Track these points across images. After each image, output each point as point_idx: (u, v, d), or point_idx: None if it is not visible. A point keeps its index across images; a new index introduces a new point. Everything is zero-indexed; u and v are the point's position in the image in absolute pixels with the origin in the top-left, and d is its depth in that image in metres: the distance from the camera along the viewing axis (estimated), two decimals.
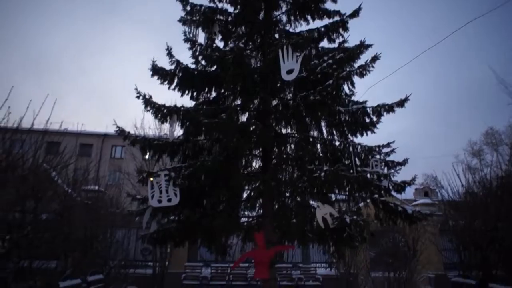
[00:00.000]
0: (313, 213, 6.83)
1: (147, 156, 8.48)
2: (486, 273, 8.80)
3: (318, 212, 6.28)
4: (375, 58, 7.54)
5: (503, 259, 8.71)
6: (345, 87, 7.65)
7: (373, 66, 7.50)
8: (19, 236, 5.86)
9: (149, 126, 35.83)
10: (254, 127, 7.52)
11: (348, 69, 7.62)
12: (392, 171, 7.43)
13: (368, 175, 6.57)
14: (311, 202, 7.30)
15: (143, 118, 35.47)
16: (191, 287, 12.28)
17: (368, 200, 8.17)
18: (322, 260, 15.25)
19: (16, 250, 5.88)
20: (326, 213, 6.26)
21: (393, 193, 8.30)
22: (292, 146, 8.11)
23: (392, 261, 10.40)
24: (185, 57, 8.73)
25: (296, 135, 8.00)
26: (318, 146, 8.02)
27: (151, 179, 6.76)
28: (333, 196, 8.06)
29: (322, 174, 6.36)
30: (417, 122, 68.46)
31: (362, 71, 7.49)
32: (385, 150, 7.89)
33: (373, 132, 8.44)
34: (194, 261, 13.93)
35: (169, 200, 6.71)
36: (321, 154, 7.85)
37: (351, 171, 7.08)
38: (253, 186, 7.62)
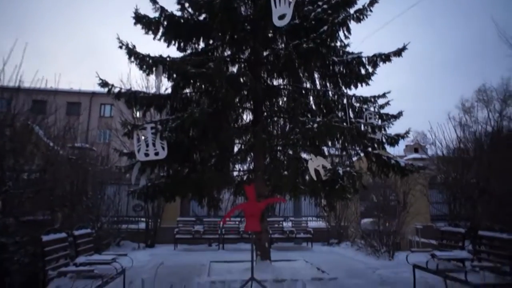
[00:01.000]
0: (305, 166, 6.69)
1: (134, 111, 8.14)
2: (475, 223, 8.96)
3: (311, 164, 6.14)
4: (373, 1, 7.10)
5: (493, 209, 8.82)
6: (341, 34, 7.25)
7: (371, 10, 7.08)
8: None
9: (136, 80, 34.96)
10: (244, 78, 7.20)
11: (344, 15, 7.18)
12: (386, 123, 7.24)
13: (362, 127, 6.36)
14: (303, 155, 7.14)
15: (129, 73, 34.28)
16: (184, 240, 12.42)
17: (361, 153, 8.06)
18: (313, 213, 15.50)
19: None
20: (318, 165, 6.12)
21: (386, 147, 8.20)
22: (284, 98, 7.82)
23: (382, 215, 10.53)
24: (170, 2, 8.13)
25: (288, 86, 7.70)
26: (311, 98, 7.76)
27: (137, 132, 6.49)
28: (325, 150, 7.93)
29: (315, 125, 6.15)
30: (411, 80, 67.90)
31: (359, 16, 7.08)
32: (380, 101, 7.65)
33: (367, 84, 8.16)
34: (187, 216, 14.04)
35: (157, 154, 6.49)
36: (313, 106, 7.60)
37: (345, 123, 6.89)
38: (244, 139, 7.41)
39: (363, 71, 7.70)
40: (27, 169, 6.24)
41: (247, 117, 8.61)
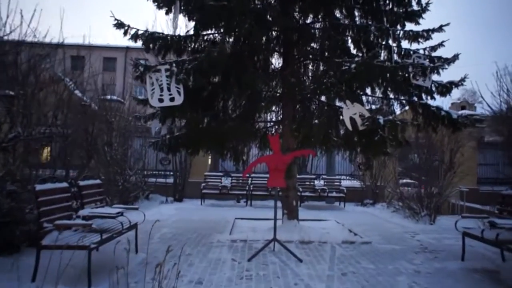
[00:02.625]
0: (339, 114, 5.80)
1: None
2: None
3: (346, 112, 5.24)
4: None
5: None
6: None
7: None
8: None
9: (162, 29, 34.36)
10: (272, 14, 6.23)
11: None
12: (439, 66, 6.02)
13: (410, 68, 5.29)
14: (338, 103, 6.22)
15: (155, 19, 34.16)
16: (211, 195, 12.08)
17: (405, 103, 7.00)
18: (348, 172, 14.67)
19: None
20: (355, 113, 5.22)
21: (436, 97, 7.08)
22: (318, 38, 6.78)
23: (424, 175, 9.53)
24: None
25: (322, 24, 6.63)
26: (349, 37, 6.64)
27: (150, 75, 5.81)
28: (364, 98, 6.92)
29: (353, 66, 5.17)
30: (463, 29, 61.98)
31: None
32: (436, 37, 6.38)
33: (417, 23, 6.93)
34: (217, 171, 13.66)
35: (172, 100, 5.82)
36: (351, 46, 6.53)
37: (388, 63, 5.81)
38: (272, 86, 6.54)
39: (415, 5, 6.45)
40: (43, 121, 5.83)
41: (277, 62, 7.70)
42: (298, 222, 7.34)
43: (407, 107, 7.55)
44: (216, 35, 7.32)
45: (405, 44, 6.46)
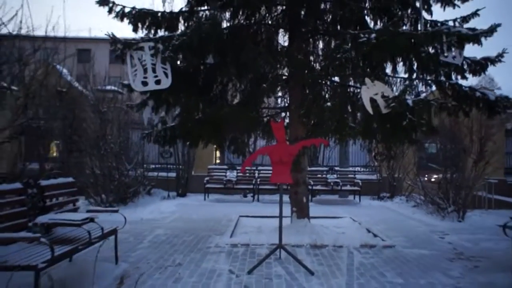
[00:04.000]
0: (355, 96, 4.86)
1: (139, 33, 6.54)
2: None
3: (365, 92, 4.29)
4: None
5: None
6: None
7: None
8: None
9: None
10: None
11: None
12: (481, 31, 4.96)
13: (444, 38, 4.29)
14: (352, 83, 5.25)
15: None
16: (215, 190, 11.21)
17: (432, 84, 6.01)
18: (363, 162, 13.69)
19: None
20: (376, 93, 4.27)
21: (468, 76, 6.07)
22: (329, 8, 5.79)
23: (449, 166, 8.52)
24: None
25: None
26: (367, 5, 5.63)
27: (131, 53, 4.94)
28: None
29: (373, 36, 4.21)
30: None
31: None
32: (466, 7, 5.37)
33: None
34: (223, 164, 12.82)
35: (158, 82, 4.94)
36: (369, 16, 5.53)
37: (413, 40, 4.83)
38: (276, 66, 5.60)
39: None
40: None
41: (282, 40, 6.74)
42: (309, 221, 6.48)
43: (433, 88, 6.57)
44: (212, 11, 6.41)
45: (436, 9, 5.41)
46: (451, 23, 5.92)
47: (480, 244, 5.71)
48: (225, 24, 5.88)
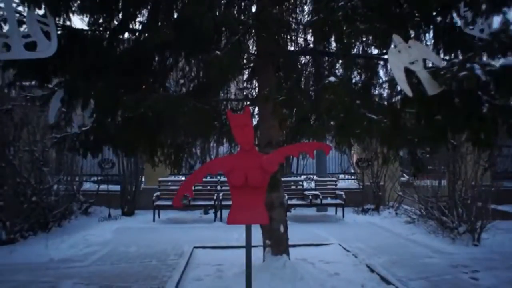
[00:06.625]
0: (373, 69, 2.97)
1: None
2: None
3: (395, 58, 2.38)
4: None
5: None
6: None
7: None
8: None
9: None
10: None
11: None
12: None
13: None
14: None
15: None
16: (164, 208, 8.98)
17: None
18: (339, 169, 12.01)
19: None
20: (414, 59, 2.41)
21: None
22: None
23: (450, 172, 6.97)
24: None
25: None
26: None
27: None
28: None
29: None
30: None
31: None
32: None
33: None
34: (182, 173, 10.57)
35: (30, 47, 2.85)
36: None
37: None
38: (238, 27, 3.63)
39: None
40: None
41: None
42: (289, 258, 4.57)
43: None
44: None
45: None
46: None
47: None
48: None
